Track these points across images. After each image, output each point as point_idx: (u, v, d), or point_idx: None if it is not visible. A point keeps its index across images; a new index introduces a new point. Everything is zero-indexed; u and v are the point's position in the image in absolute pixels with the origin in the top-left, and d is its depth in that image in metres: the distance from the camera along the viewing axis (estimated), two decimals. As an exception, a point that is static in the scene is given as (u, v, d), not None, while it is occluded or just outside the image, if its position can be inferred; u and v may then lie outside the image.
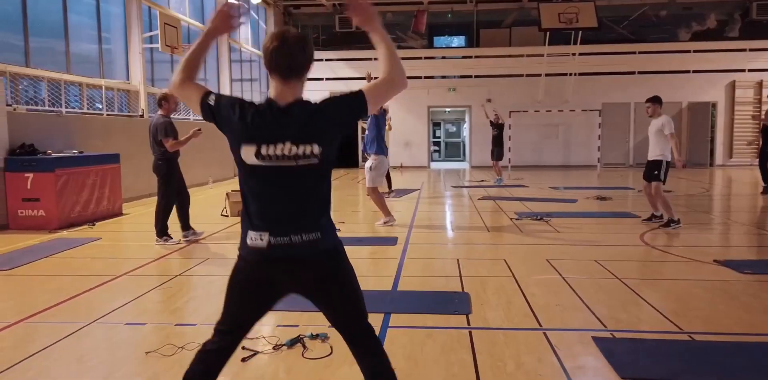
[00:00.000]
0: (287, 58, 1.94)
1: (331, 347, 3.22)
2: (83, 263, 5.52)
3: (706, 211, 8.73)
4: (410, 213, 8.74)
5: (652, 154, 7.40)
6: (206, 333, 3.43)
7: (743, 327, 3.55)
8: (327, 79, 20.62)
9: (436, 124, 27.94)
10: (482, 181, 14.59)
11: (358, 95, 2.01)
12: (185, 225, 6.58)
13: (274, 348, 3.21)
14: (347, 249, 2.13)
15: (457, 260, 5.45)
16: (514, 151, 19.15)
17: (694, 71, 19.63)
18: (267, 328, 3.53)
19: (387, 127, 11.20)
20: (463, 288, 4.44)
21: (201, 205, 9.33)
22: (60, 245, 6.31)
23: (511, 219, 8.00)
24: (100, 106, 10.29)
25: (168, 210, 6.40)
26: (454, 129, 27.40)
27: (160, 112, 6.47)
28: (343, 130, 2.01)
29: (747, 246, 6.24)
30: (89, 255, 5.87)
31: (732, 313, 3.80)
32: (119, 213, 8.80)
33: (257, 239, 1.94)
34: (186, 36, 13.79)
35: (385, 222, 7.45)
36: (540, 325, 3.58)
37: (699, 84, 19.55)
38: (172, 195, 6.40)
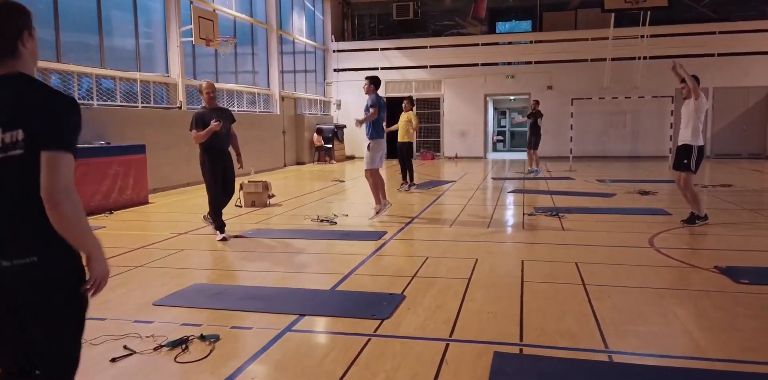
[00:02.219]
0: None
1: (211, 351, 3.09)
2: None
3: (756, 209, 7.79)
4: (422, 207, 8.44)
5: (682, 139, 6.67)
6: (111, 328, 3.42)
7: (684, 349, 3.05)
8: (382, 68, 20.40)
9: (502, 113, 27.06)
10: (530, 172, 13.91)
11: (53, 127, 1.67)
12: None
13: (155, 348, 3.12)
14: (327, 243, 1.89)
15: (426, 258, 5.14)
16: (576, 141, 18.13)
17: (785, 52, 17.67)
18: (167, 326, 3.45)
19: (414, 126, 10.87)
20: (405, 289, 4.16)
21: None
22: (61, 233, 6.60)
23: (524, 214, 7.51)
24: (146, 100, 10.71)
25: (211, 201, 6.17)
26: (520, 117, 26.37)
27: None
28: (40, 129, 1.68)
29: (776, 251, 5.45)
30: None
31: (683, 330, 3.29)
32: (145, 202, 9.12)
33: None
34: (232, 28, 14.08)
35: (377, 212, 7.22)
36: (449, 335, 3.26)
37: (790, 66, 17.60)
38: (210, 187, 6.13)
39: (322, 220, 7.21)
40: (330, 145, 18.63)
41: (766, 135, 18.18)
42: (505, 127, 26.78)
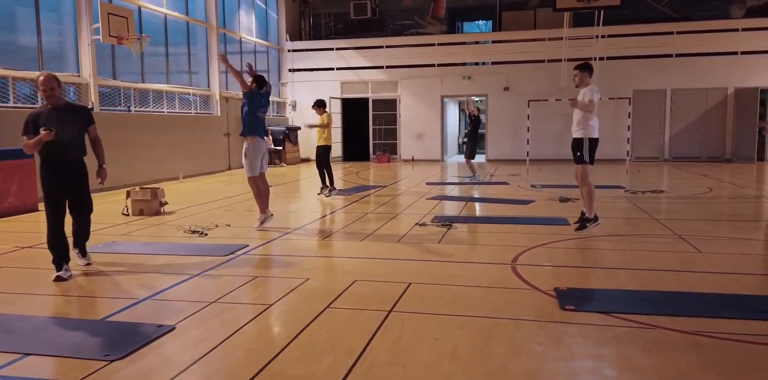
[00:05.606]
0: None
1: None
2: None
3: (663, 218, 7.32)
4: (319, 215, 7.95)
5: (574, 132, 6.30)
6: None
7: (419, 401, 2.57)
8: (338, 68, 19.92)
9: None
10: (470, 176, 13.45)
11: None
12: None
13: None
14: (167, 260, 1.44)
15: (254, 277, 4.66)
16: (533, 144, 17.65)
17: (743, 52, 17.25)
18: None
19: (321, 123, 10.16)
20: (186, 318, 3.66)
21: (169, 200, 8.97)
22: None
23: (417, 225, 7.02)
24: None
25: (51, 232, 4.79)
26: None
27: None
28: None
29: (639, 270, 4.93)
30: None
31: (444, 375, 2.80)
32: (34, 210, 8.58)
33: None
34: (163, 27, 13.56)
35: (261, 222, 6.70)
36: (163, 382, 2.77)
37: (748, 67, 17.17)
38: (46, 207, 4.80)
39: (193, 232, 6.72)
40: (280, 147, 18.13)
41: (725, 137, 17.77)
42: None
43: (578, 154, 6.26)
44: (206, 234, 6.59)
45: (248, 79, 7.03)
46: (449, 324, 3.50)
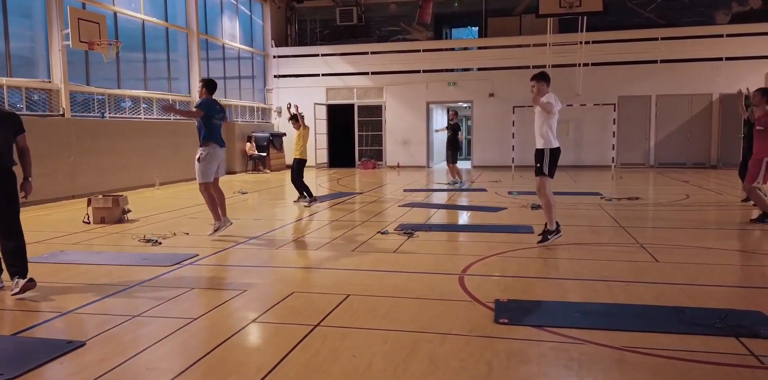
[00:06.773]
0: None
1: None
2: None
3: (629, 226, 7.18)
4: (281, 224, 7.79)
5: (537, 143, 6.17)
6: None
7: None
8: (323, 74, 19.82)
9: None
10: (453, 183, 13.33)
11: None
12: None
13: None
14: (108, 270, 1.28)
15: (189, 290, 4.50)
16: (518, 150, 17.59)
17: (728, 58, 17.18)
18: None
19: (299, 131, 10.06)
20: (102, 333, 3.50)
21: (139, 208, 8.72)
22: None
23: (377, 232, 6.87)
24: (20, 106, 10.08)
25: None
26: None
27: None
28: None
29: (589, 280, 4.78)
30: None
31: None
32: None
33: None
34: (140, 32, 13.46)
35: (215, 230, 6.52)
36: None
37: (733, 73, 17.07)
38: None
39: (147, 240, 6.56)
40: (264, 154, 17.99)
41: (710, 143, 17.67)
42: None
43: (538, 165, 6.10)
44: (160, 243, 6.43)
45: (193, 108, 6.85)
46: (372, 340, 3.34)
